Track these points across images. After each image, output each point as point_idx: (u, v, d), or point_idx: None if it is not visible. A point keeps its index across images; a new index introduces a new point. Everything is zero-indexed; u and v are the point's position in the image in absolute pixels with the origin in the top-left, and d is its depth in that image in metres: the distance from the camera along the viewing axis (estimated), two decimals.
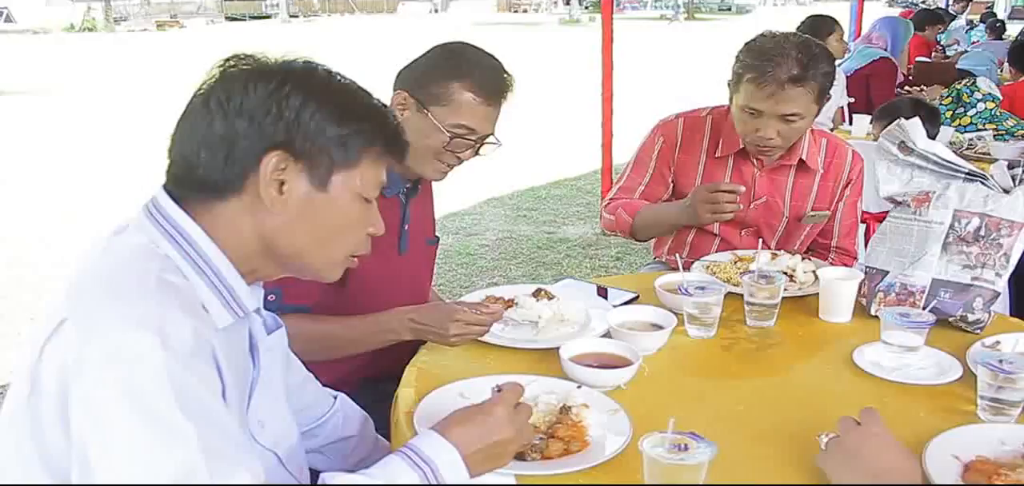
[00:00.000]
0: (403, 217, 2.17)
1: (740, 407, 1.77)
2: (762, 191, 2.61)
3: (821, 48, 2.40)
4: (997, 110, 4.92)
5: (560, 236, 6.44)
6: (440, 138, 2.00)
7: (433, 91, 2.00)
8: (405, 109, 2.02)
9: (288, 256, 1.35)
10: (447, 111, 2.00)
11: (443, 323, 1.92)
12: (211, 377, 1.17)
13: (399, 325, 1.97)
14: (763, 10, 51.73)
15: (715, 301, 2.01)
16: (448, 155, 2.04)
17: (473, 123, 2.02)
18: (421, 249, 2.30)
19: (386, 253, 2.13)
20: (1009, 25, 17.26)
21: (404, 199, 2.16)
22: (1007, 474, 1.43)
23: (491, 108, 2.04)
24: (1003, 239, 2.00)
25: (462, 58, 2.05)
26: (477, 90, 2.01)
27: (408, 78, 2.06)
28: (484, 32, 32.19)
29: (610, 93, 5.16)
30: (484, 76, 2.03)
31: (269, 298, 1.93)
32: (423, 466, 1.28)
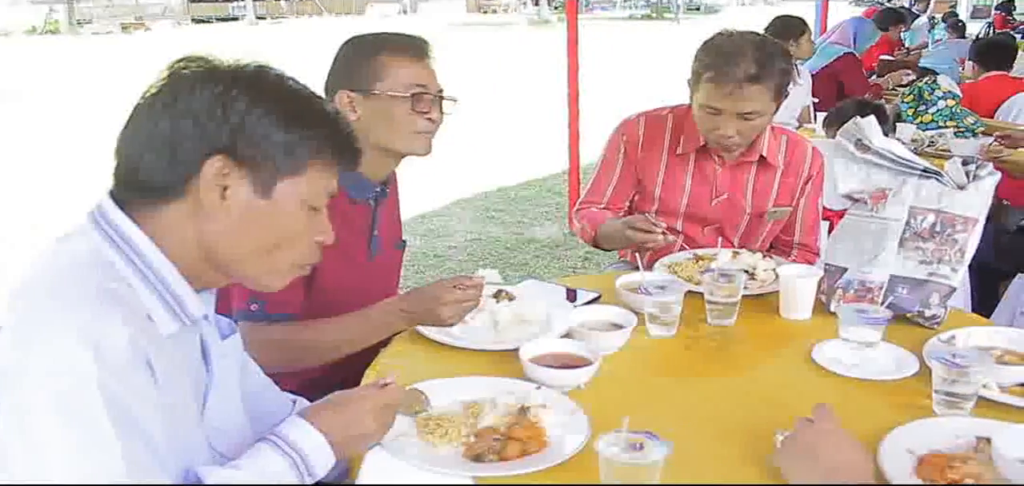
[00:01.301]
0: (373, 222, 2.16)
1: (700, 406, 1.77)
2: (724, 187, 2.63)
3: (777, 46, 2.43)
4: (957, 108, 4.98)
5: (529, 237, 6.43)
6: (404, 105, 2.01)
7: (369, 74, 2.01)
8: (355, 105, 2.02)
9: (229, 263, 1.33)
10: (392, 80, 2.01)
11: (435, 307, 1.93)
12: (145, 389, 1.16)
13: (393, 317, 1.98)
14: (731, 10, 51.99)
15: (675, 300, 2.02)
16: (419, 120, 2.03)
17: (420, 79, 2.03)
18: (389, 254, 2.29)
19: (356, 260, 2.13)
20: (971, 24, 17.51)
21: (374, 204, 2.15)
22: (959, 467, 1.45)
23: (425, 63, 2.06)
24: (958, 235, 2.03)
25: (373, 37, 2.09)
26: (404, 52, 2.04)
27: (339, 79, 2.06)
28: (455, 33, 32.16)
29: (576, 93, 5.17)
30: (400, 39, 2.07)
31: (253, 307, 1.93)
32: (291, 453, 1.34)
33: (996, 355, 1.86)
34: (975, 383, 1.63)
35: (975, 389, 1.64)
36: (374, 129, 2.02)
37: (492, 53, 24.03)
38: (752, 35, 2.45)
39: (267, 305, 1.92)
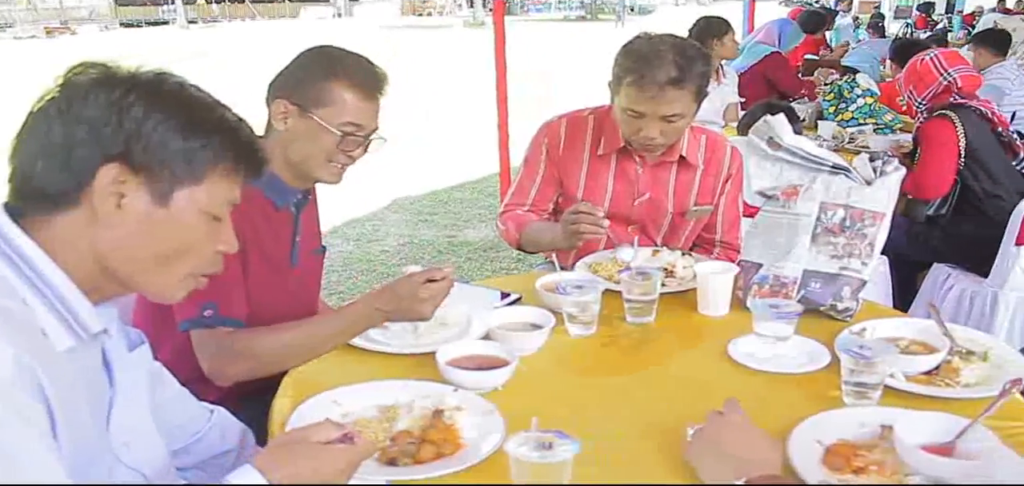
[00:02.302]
0: (295, 229, 2.14)
1: (617, 403, 1.80)
2: (645, 188, 2.66)
3: (696, 49, 2.46)
4: (876, 105, 5.12)
5: (462, 239, 6.43)
6: (331, 139, 1.98)
7: (313, 94, 1.98)
8: (288, 117, 1.99)
9: (127, 274, 1.29)
10: (332, 111, 1.97)
11: (414, 304, 1.90)
12: (29, 408, 1.12)
13: (369, 316, 1.95)
14: (665, 10, 52.59)
15: (593, 299, 2.03)
16: (340, 155, 2.02)
17: (359, 119, 2.00)
18: (310, 260, 2.27)
19: (278, 267, 2.11)
20: (895, 24, 17.98)
21: (295, 211, 2.13)
22: (864, 454, 1.49)
23: (372, 103, 2.04)
24: (867, 229, 2.08)
25: (334, 58, 2.03)
26: (357, 86, 2.00)
27: (284, 86, 2.02)
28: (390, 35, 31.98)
29: (505, 95, 5.17)
30: (360, 72, 2.02)
31: (206, 313, 1.90)
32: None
33: (903, 345, 1.91)
34: (881, 373, 1.68)
35: (881, 379, 1.68)
36: (295, 146, 2.01)
37: (427, 55, 23.97)
38: (672, 38, 2.48)
39: (220, 308, 1.90)
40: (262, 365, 1.92)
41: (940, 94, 3.87)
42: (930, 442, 1.49)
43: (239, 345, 1.91)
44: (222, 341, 1.91)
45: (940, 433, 1.51)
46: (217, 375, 1.92)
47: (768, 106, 3.97)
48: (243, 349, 1.91)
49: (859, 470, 1.46)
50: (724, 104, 5.51)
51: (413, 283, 1.89)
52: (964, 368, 1.85)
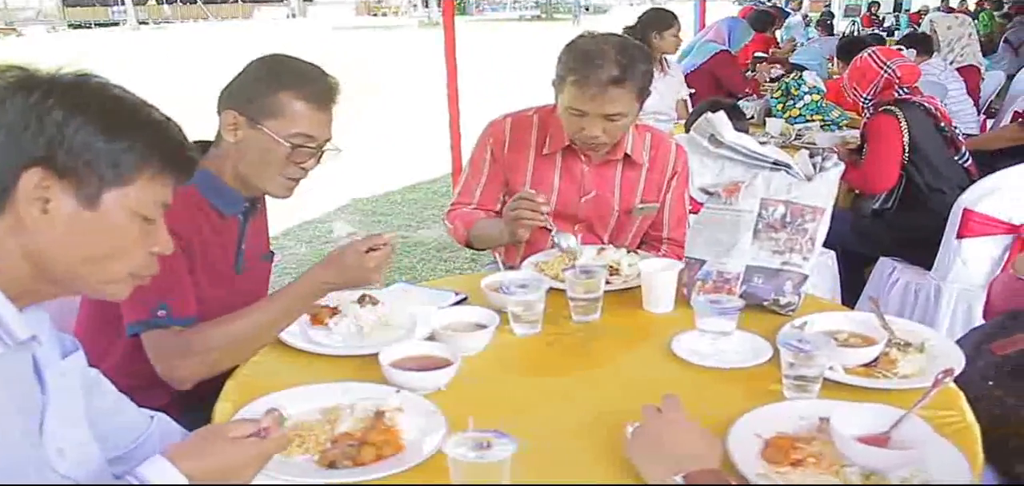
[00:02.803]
0: (241, 237, 2.13)
1: (561, 401, 1.80)
2: (591, 186, 2.67)
3: (638, 48, 2.47)
4: (823, 102, 5.19)
5: (415, 240, 6.41)
6: (281, 151, 1.96)
7: (263, 105, 1.96)
8: (237, 129, 1.98)
9: (61, 277, 1.28)
10: (282, 123, 1.96)
11: (362, 272, 1.92)
12: None
13: (317, 289, 1.96)
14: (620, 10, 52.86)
15: (538, 298, 2.04)
16: (291, 167, 2.01)
17: (310, 130, 1.99)
18: (257, 266, 2.26)
19: (222, 274, 2.09)
20: (844, 22, 18.26)
21: (243, 219, 2.12)
22: (802, 447, 1.51)
23: (324, 113, 2.02)
24: (808, 224, 2.10)
25: (285, 68, 2.02)
26: (308, 97, 1.98)
27: (234, 96, 2.00)
28: (343, 36, 31.82)
29: (456, 94, 5.17)
30: (311, 83, 2.00)
31: (160, 313, 1.88)
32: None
33: (842, 338, 1.93)
34: (819, 366, 1.70)
35: (820, 372, 1.70)
36: (245, 159, 2.00)
37: (382, 56, 23.86)
38: (614, 37, 2.49)
39: (173, 309, 1.89)
40: (217, 358, 1.90)
41: (883, 89, 3.93)
42: (866, 433, 1.50)
43: (193, 342, 1.90)
44: (175, 341, 1.90)
45: (876, 424, 1.53)
46: (171, 376, 1.90)
47: (713, 103, 4.01)
48: (197, 345, 1.90)
49: (797, 463, 1.47)
50: (674, 97, 5.55)
51: (358, 251, 1.91)
52: (902, 360, 1.87)
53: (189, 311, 1.93)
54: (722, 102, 4.19)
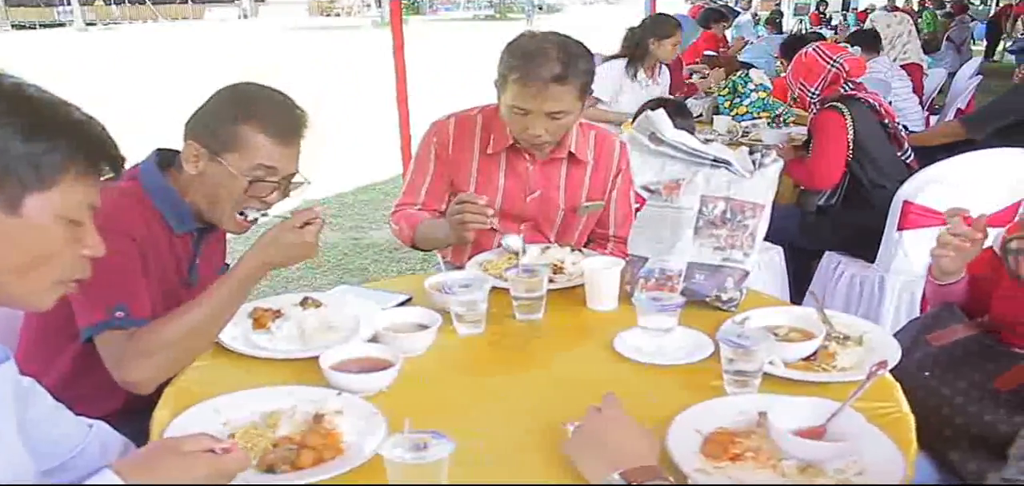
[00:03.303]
0: (194, 252, 2.11)
1: (503, 401, 1.79)
2: (536, 185, 2.67)
3: (579, 46, 2.47)
4: (769, 99, 5.25)
5: (367, 241, 6.37)
6: (238, 184, 1.95)
7: (223, 137, 1.94)
8: (198, 160, 1.95)
9: None
10: (241, 155, 1.94)
11: (301, 249, 1.91)
12: None
13: (258, 270, 1.93)
14: (574, 9, 53.13)
15: (480, 298, 2.03)
16: (251, 201, 1.99)
17: (271, 162, 1.97)
18: (212, 279, 2.22)
19: (173, 287, 2.06)
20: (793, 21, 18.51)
21: (196, 236, 2.10)
22: (741, 442, 1.52)
23: (288, 147, 2.00)
24: (748, 221, 2.12)
25: (250, 99, 1.98)
26: (269, 130, 1.95)
27: (197, 127, 1.97)
28: (296, 36, 31.55)
29: (405, 95, 5.14)
30: (275, 115, 1.98)
31: (118, 314, 1.84)
32: None
33: (782, 333, 1.95)
34: (758, 361, 1.71)
35: (759, 366, 1.72)
36: (202, 190, 1.99)
37: (334, 56, 23.72)
38: (555, 36, 2.49)
39: (131, 309, 1.85)
40: (174, 356, 1.87)
41: (831, 83, 3.95)
42: (803, 426, 1.52)
43: (147, 341, 1.85)
44: (131, 342, 1.85)
45: (813, 417, 1.55)
46: (128, 378, 1.85)
47: (659, 102, 4.04)
48: (152, 344, 1.85)
49: (736, 458, 1.48)
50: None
51: (293, 227, 1.90)
52: (841, 353, 1.90)
53: (145, 312, 1.89)
54: (671, 100, 4.22)
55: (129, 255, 1.90)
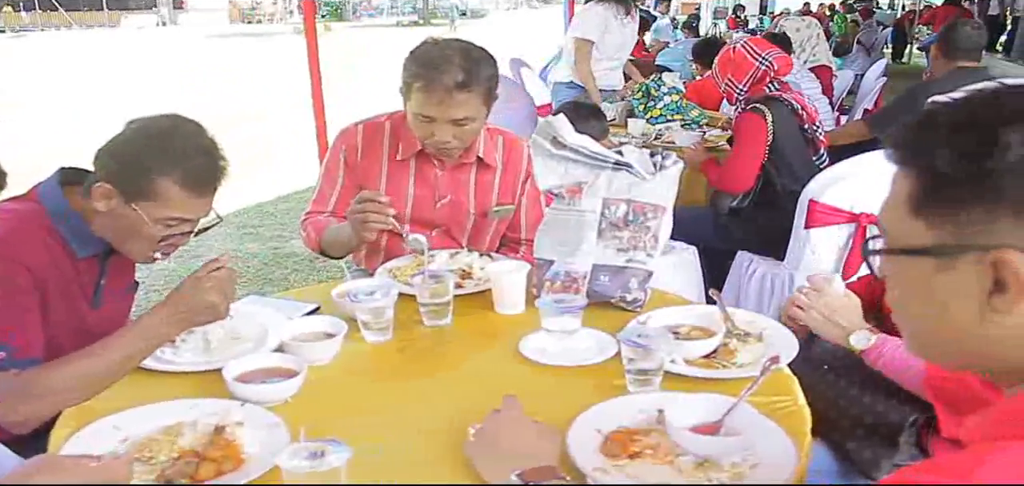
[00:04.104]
0: (100, 273, 2.06)
1: (409, 406, 1.80)
2: (446, 190, 2.68)
3: (482, 52, 2.49)
4: (682, 102, 5.33)
5: (287, 251, 6.29)
6: (151, 231, 1.92)
7: (140, 185, 1.89)
8: (110, 199, 1.90)
9: None
10: (157, 206, 1.90)
11: (206, 308, 1.87)
12: None
13: (165, 328, 1.88)
14: (497, 15, 53.25)
15: (387, 305, 2.03)
16: (163, 244, 1.97)
17: (186, 214, 1.95)
18: (119, 299, 2.19)
19: (79, 310, 2.01)
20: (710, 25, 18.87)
21: (102, 257, 2.05)
22: (640, 439, 1.55)
23: (204, 198, 1.98)
24: (650, 222, 2.16)
25: (169, 148, 1.92)
26: (189, 184, 1.92)
27: (111, 169, 1.92)
28: (215, 45, 31.00)
29: (321, 104, 5.09)
30: (194, 169, 1.93)
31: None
32: None
33: (684, 331, 2.00)
34: (658, 359, 1.74)
35: (659, 365, 1.75)
36: (111, 226, 1.96)
37: (254, 64, 23.39)
38: (458, 43, 2.50)
39: (15, 351, 1.78)
40: (60, 399, 1.79)
41: (758, 81, 3.96)
42: (700, 422, 1.56)
43: (32, 385, 1.79)
44: (13, 383, 1.78)
45: (710, 413, 1.59)
46: (8, 419, 1.79)
47: (576, 105, 4.08)
48: (37, 389, 1.78)
49: (635, 455, 1.51)
50: None
51: (196, 282, 1.86)
52: (741, 349, 1.94)
53: (34, 352, 1.83)
54: (586, 103, 4.26)
55: (19, 286, 1.84)
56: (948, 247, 0.93)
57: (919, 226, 0.96)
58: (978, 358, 0.99)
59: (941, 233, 0.94)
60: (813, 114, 4.08)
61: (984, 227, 0.90)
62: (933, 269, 0.95)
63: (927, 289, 0.97)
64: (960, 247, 0.92)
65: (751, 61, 3.95)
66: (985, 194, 0.89)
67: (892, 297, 1.05)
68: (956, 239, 0.92)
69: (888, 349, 1.84)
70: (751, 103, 3.94)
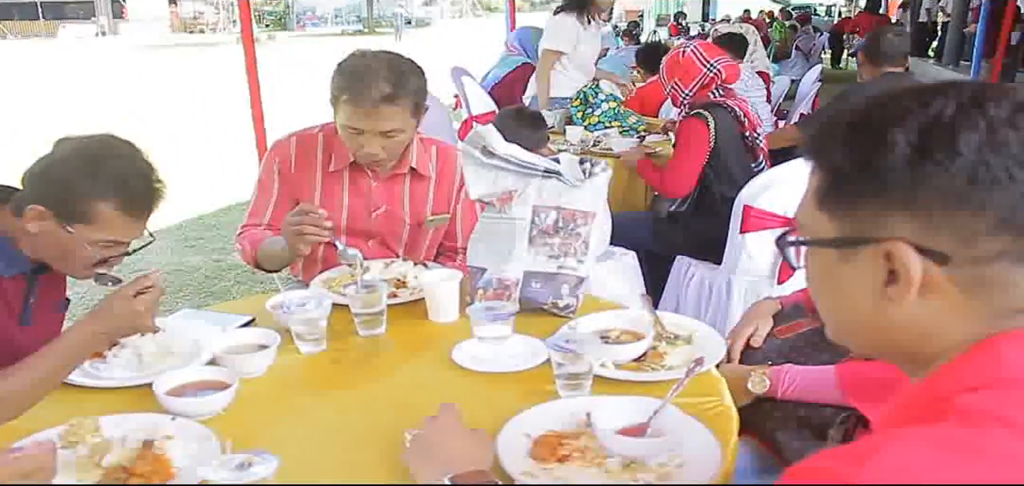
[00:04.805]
0: (28, 292, 2.04)
1: (342, 415, 1.81)
2: (380, 201, 2.69)
3: (409, 64, 2.52)
4: (619, 109, 5.39)
5: (229, 263, 6.23)
6: (87, 253, 1.92)
7: (75, 208, 1.88)
8: (43, 221, 1.89)
9: None
10: (92, 229, 1.90)
11: (133, 320, 1.84)
12: None
13: (90, 341, 1.85)
14: (442, 23, 53.20)
15: (320, 316, 2.04)
16: (98, 264, 1.97)
17: (122, 236, 1.95)
18: (49, 316, 2.16)
19: (7, 329, 1.99)
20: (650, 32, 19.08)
21: (30, 275, 2.03)
22: (569, 443, 1.57)
23: (140, 220, 1.97)
24: (580, 229, 2.20)
25: (105, 171, 1.90)
26: (124, 206, 1.92)
27: (44, 191, 1.89)
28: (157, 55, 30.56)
29: (260, 114, 5.05)
30: (130, 192, 1.93)
31: None
32: None
33: (614, 335, 2.03)
34: (586, 364, 1.77)
35: (588, 369, 1.78)
36: (43, 246, 1.94)
37: (196, 74, 23.10)
38: (386, 55, 2.52)
39: None
40: None
41: (704, 86, 3.98)
42: (628, 424, 1.59)
43: None
44: None
45: (637, 415, 1.62)
46: None
47: (519, 111, 4.11)
48: None
49: (563, 458, 1.53)
50: None
51: (125, 297, 1.84)
52: (671, 352, 1.98)
53: None
54: (526, 110, 4.29)
55: None
56: (848, 239, 0.99)
57: (824, 219, 1.01)
58: (885, 346, 1.04)
59: (842, 226, 0.99)
60: (755, 122, 4.13)
61: (878, 220, 0.95)
62: (837, 260, 1.01)
63: (834, 280, 1.03)
64: (858, 239, 0.97)
65: (699, 67, 3.97)
66: (877, 189, 0.94)
67: (810, 289, 1.10)
68: (855, 232, 0.98)
69: (787, 379, 1.91)
70: (695, 108, 3.97)
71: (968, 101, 0.92)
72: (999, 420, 0.85)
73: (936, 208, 0.91)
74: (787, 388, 1.89)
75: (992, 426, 0.84)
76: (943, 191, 0.91)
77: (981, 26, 10.07)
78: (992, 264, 0.92)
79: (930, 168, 0.91)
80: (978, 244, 0.91)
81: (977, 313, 0.95)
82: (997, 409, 0.86)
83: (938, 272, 0.93)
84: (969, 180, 0.90)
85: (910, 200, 0.93)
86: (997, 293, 0.93)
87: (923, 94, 0.95)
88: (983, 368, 0.93)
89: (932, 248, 0.92)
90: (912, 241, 0.93)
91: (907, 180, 0.92)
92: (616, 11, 22.90)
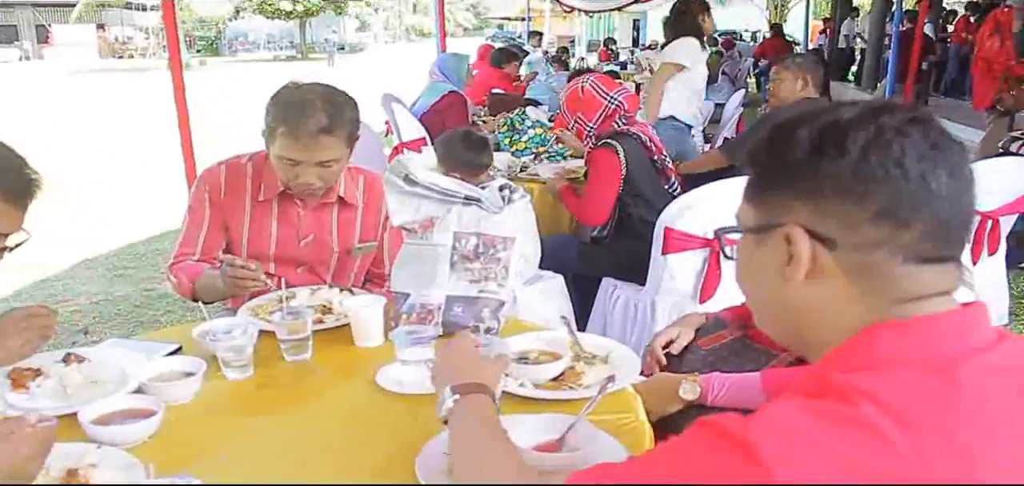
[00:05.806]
0: None
1: (270, 440, 1.85)
2: (309, 230, 2.74)
3: (343, 95, 2.58)
4: (546, 135, 5.51)
5: (159, 293, 6.16)
6: None
7: None
8: None
9: None
10: None
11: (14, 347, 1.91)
12: None
13: None
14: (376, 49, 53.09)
15: (246, 343, 2.08)
16: None
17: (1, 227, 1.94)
18: None
19: None
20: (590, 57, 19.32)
21: None
22: None
23: (15, 210, 1.97)
24: (500, 253, 2.28)
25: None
26: (3, 197, 1.92)
27: None
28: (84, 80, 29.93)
29: (189, 141, 5.04)
30: (7, 181, 1.94)
31: None
32: None
33: (532, 356, 2.11)
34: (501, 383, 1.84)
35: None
36: None
37: (124, 100, 22.71)
38: (321, 88, 2.57)
39: None
40: None
41: (607, 118, 4.09)
42: (542, 440, 1.67)
43: None
44: None
45: (552, 431, 1.69)
46: None
47: (466, 134, 4.19)
48: None
49: None
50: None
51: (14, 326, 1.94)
52: (588, 371, 2.06)
53: None
54: (474, 134, 4.35)
55: None
56: (762, 225, 1.15)
57: (750, 211, 1.18)
58: (790, 331, 1.20)
59: (759, 214, 1.16)
60: (660, 145, 4.26)
61: (784, 207, 1.12)
62: (754, 245, 1.18)
63: (753, 263, 1.20)
64: (769, 225, 1.14)
65: (600, 100, 4.10)
66: (786, 181, 1.12)
67: (738, 276, 1.26)
68: (767, 218, 1.15)
69: (717, 386, 2.00)
70: (602, 139, 4.08)
71: (867, 111, 1.08)
72: (866, 395, 0.98)
73: (826, 197, 1.07)
74: (717, 394, 1.99)
75: (860, 399, 0.98)
76: (832, 182, 1.07)
77: (893, 53, 10.50)
78: (873, 252, 1.07)
79: (824, 162, 1.07)
80: (860, 231, 1.06)
81: (864, 302, 1.09)
82: (866, 386, 0.99)
83: (826, 255, 1.09)
84: (853, 173, 1.05)
85: (808, 190, 1.09)
86: (880, 283, 1.08)
87: (837, 106, 1.12)
88: (862, 353, 1.07)
89: (820, 233, 1.08)
90: (805, 225, 1.09)
91: (806, 171, 1.09)
92: (547, 37, 23.23)
